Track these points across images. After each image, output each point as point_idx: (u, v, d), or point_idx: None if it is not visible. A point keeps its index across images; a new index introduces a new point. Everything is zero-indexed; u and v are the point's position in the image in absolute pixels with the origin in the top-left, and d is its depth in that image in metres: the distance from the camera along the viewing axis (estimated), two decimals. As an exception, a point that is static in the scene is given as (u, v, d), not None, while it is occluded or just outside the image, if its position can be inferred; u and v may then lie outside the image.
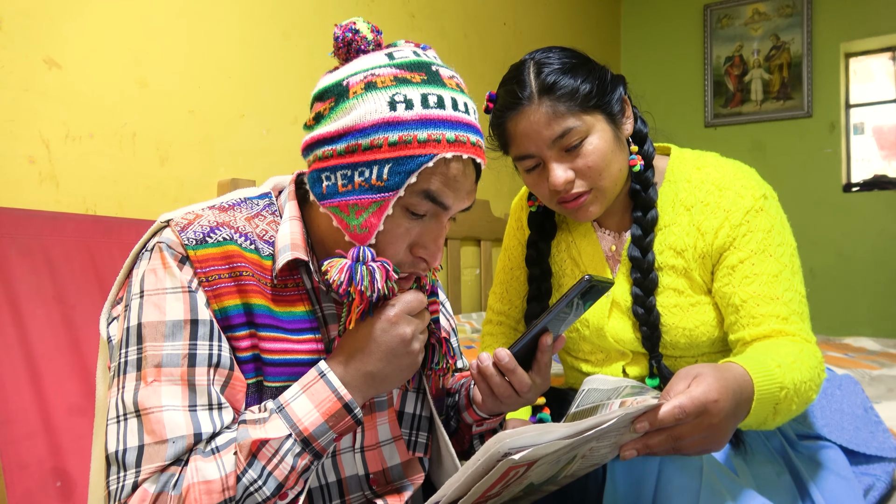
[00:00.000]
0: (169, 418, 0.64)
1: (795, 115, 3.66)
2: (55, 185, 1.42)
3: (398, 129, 0.67)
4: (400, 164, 0.67)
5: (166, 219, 0.72)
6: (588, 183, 0.97)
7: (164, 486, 0.63)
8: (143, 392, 0.65)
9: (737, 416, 0.76)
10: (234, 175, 1.80)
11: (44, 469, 1.10)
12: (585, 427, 0.63)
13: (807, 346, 0.92)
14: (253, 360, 0.70)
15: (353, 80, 0.70)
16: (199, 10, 1.72)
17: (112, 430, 0.66)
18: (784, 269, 0.96)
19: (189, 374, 0.66)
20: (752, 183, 1.01)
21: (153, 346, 0.66)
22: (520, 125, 0.96)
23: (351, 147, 0.68)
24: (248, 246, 0.72)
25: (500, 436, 0.59)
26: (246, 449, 0.64)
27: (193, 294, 0.68)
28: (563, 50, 0.99)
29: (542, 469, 0.68)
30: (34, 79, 1.39)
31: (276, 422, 0.66)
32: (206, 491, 0.62)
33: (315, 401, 0.67)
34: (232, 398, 0.69)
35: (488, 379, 0.82)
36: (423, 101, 0.68)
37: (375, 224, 0.69)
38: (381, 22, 2.33)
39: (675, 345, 1.03)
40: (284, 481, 0.66)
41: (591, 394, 0.88)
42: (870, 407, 1.10)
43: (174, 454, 0.64)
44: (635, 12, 4.20)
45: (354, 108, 0.68)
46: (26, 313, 1.18)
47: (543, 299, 1.14)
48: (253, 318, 0.70)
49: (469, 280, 2.78)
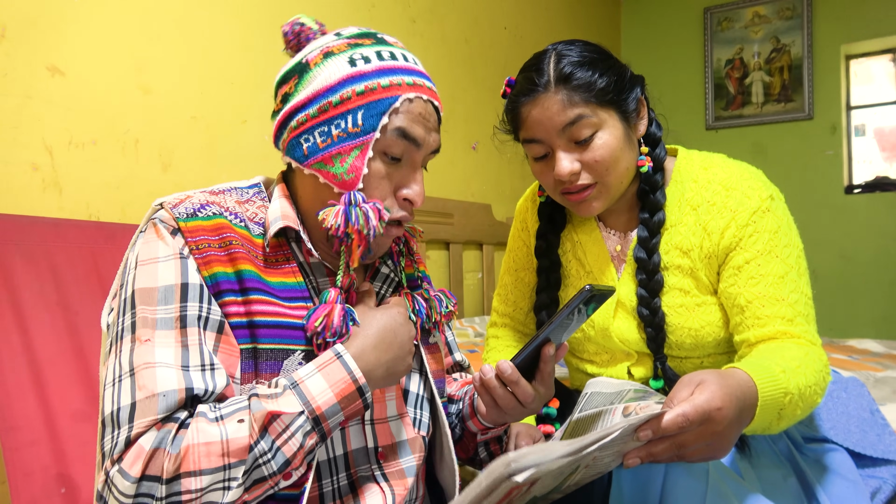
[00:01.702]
0: (161, 374, 0.65)
1: (796, 117, 3.66)
2: (58, 192, 1.42)
3: (363, 80, 0.74)
4: (371, 109, 0.73)
5: (160, 202, 0.74)
6: (594, 176, 0.97)
7: (161, 442, 0.62)
8: (137, 351, 0.66)
9: (741, 423, 0.75)
10: (236, 180, 1.80)
11: (48, 475, 1.09)
12: (589, 442, 0.63)
13: (812, 349, 0.92)
14: (247, 326, 0.71)
15: (311, 56, 0.77)
16: (201, 17, 1.73)
17: (108, 392, 0.66)
18: (790, 270, 0.96)
19: (181, 334, 0.67)
20: (759, 184, 1.01)
21: (146, 310, 0.68)
22: (533, 111, 0.97)
23: (322, 107, 0.74)
24: (237, 223, 0.75)
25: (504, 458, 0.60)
26: (260, 420, 0.64)
27: (185, 260, 0.70)
28: (587, 44, 1.00)
29: (546, 482, 0.68)
30: (37, 86, 1.39)
31: (290, 397, 0.67)
32: (206, 453, 0.62)
33: (330, 381, 0.68)
34: (225, 362, 0.70)
35: (492, 391, 0.82)
36: (378, 56, 0.76)
37: (360, 167, 0.74)
38: (382, 26, 2.34)
39: (681, 345, 1.03)
40: (292, 458, 0.66)
41: (594, 398, 0.88)
42: (876, 410, 1.10)
43: (166, 408, 0.64)
44: (635, 16, 4.21)
45: (318, 76, 0.75)
46: (30, 319, 1.18)
47: (552, 290, 1.14)
48: (244, 283, 0.72)
49: (471, 284, 2.78)
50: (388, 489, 0.80)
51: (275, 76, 0.82)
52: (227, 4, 1.80)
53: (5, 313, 1.15)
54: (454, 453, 0.85)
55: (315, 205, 0.77)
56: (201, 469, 0.62)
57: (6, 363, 1.12)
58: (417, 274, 0.91)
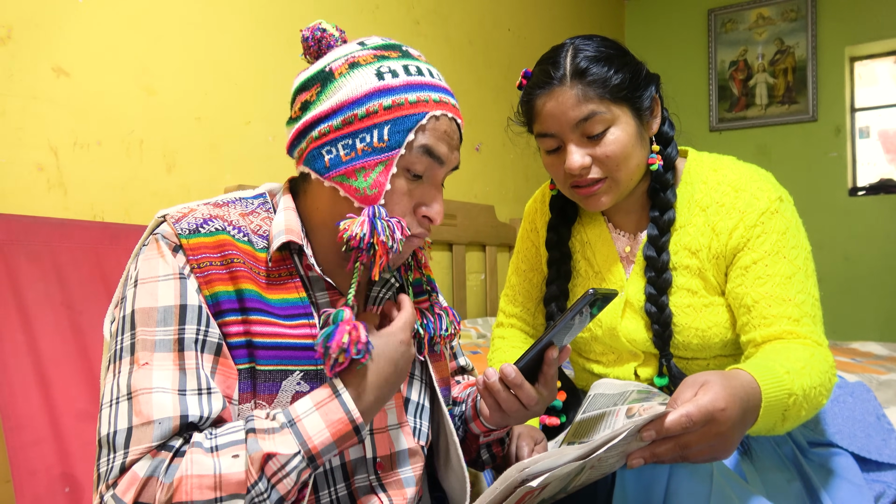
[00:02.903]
0: (157, 400, 0.64)
1: (800, 119, 3.65)
2: (63, 192, 1.43)
3: (390, 95, 0.72)
4: (398, 124, 0.72)
5: (162, 214, 0.74)
6: (604, 171, 0.97)
7: (155, 471, 0.62)
8: (136, 375, 0.66)
9: (745, 424, 0.75)
10: (240, 181, 1.81)
11: (52, 475, 1.10)
12: (597, 445, 0.64)
13: (818, 350, 0.91)
14: (246, 346, 0.71)
15: (335, 65, 0.75)
16: (206, 18, 1.74)
17: (105, 413, 0.66)
18: (798, 271, 0.96)
19: (179, 357, 0.67)
20: (768, 185, 1.01)
21: (146, 332, 0.67)
22: (548, 104, 0.97)
23: (347, 119, 0.72)
24: (240, 238, 0.74)
25: (518, 465, 0.61)
26: (257, 462, 0.64)
27: (185, 280, 0.69)
28: (604, 39, 1.00)
29: (554, 485, 0.69)
30: (42, 87, 1.40)
31: (287, 437, 0.66)
32: (199, 486, 0.62)
33: (327, 420, 0.68)
34: (222, 384, 0.69)
35: (495, 394, 0.82)
36: (405, 70, 0.74)
37: (383, 183, 0.73)
38: (386, 29, 2.34)
39: (688, 345, 1.03)
40: (286, 494, 0.66)
41: (598, 399, 0.88)
42: (882, 415, 1.10)
43: (160, 436, 0.64)
44: (639, 18, 4.21)
45: (343, 86, 0.73)
46: (34, 319, 1.18)
47: (563, 282, 1.14)
48: (244, 302, 0.71)
49: (474, 285, 2.78)
50: (387, 500, 0.79)
51: (279, 78, 0.82)
52: (232, 6, 1.80)
53: (10, 313, 1.16)
54: (463, 461, 0.84)
55: (329, 217, 0.76)
56: (193, 501, 0.62)
57: (11, 362, 1.12)
58: (424, 279, 0.90)
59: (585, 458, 0.64)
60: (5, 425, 1.08)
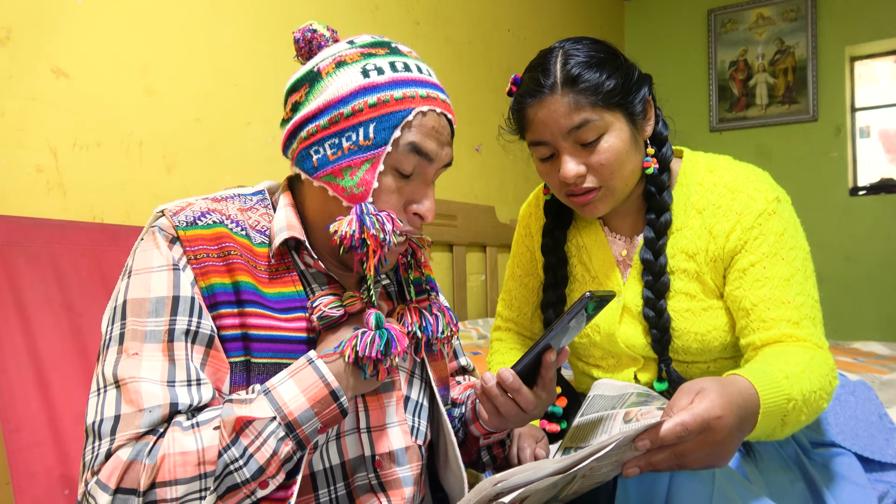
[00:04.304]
0: (146, 389, 0.64)
1: (801, 119, 3.65)
2: (63, 194, 1.43)
3: (375, 92, 0.72)
4: (383, 121, 0.72)
5: (161, 209, 0.74)
6: (599, 180, 0.96)
7: (138, 454, 0.62)
8: (124, 363, 0.66)
9: (742, 431, 0.74)
10: (240, 182, 1.80)
11: (52, 477, 1.09)
12: (579, 458, 0.62)
13: (818, 353, 0.91)
14: (241, 339, 0.71)
15: (322, 64, 0.75)
16: (206, 19, 1.73)
17: (92, 401, 0.66)
18: (796, 272, 0.95)
19: (169, 348, 0.67)
20: (764, 186, 1.00)
21: (136, 322, 0.67)
22: (539, 113, 0.95)
23: (334, 118, 0.72)
24: (238, 231, 0.74)
25: (492, 478, 0.60)
26: (230, 426, 0.64)
27: (179, 272, 0.69)
28: (595, 42, 0.97)
29: (535, 497, 0.67)
30: (42, 88, 1.39)
31: (262, 403, 0.66)
32: (182, 463, 0.62)
33: (302, 386, 0.67)
34: (212, 377, 0.69)
35: (493, 399, 0.81)
36: (391, 67, 0.74)
37: (370, 181, 0.72)
38: (386, 29, 2.34)
39: (687, 350, 1.02)
40: (266, 465, 0.65)
41: (597, 401, 0.87)
42: (884, 414, 1.09)
43: (149, 423, 0.63)
44: (639, 18, 4.21)
45: (330, 85, 0.73)
46: (34, 321, 1.18)
47: (559, 288, 1.13)
48: (240, 295, 0.71)
49: (475, 286, 2.78)
50: (386, 499, 0.79)
51: (278, 79, 0.81)
52: (231, 7, 1.80)
53: (9, 315, 1.15)
54: (461, 461, 0.84)
55: (322, 217, 0.76)
56: (177, 479, 0.62)
57: (10, 364, 1.12)
58: (423, 278, 0.90)
59: (565, 472, 0.62)
60: (5, 427, 1.08)
